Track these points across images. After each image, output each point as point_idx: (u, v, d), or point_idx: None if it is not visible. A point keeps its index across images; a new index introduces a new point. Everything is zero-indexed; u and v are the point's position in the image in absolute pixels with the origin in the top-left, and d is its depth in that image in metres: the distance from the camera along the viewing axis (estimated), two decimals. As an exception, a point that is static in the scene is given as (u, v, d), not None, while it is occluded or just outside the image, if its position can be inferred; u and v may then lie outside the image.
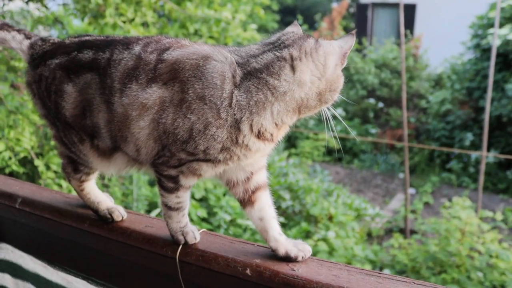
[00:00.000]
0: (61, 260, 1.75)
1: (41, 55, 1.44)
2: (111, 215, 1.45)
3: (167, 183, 1.29)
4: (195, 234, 1.33)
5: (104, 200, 1.49)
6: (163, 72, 1.23)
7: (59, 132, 1.42)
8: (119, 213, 1.46)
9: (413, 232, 8.23)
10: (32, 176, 5.83)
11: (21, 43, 1.48)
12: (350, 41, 1.28)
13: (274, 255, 1.27)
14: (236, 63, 1.22)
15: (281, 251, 1.28)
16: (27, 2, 6.17)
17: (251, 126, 1.20)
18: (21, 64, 5.24)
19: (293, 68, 1.20)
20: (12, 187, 1.74)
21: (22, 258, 1.94)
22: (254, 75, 1.19)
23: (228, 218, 6.43)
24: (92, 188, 1.49)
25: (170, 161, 1.25)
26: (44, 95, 1.40)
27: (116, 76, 1.27)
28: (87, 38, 1.41)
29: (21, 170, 5.37)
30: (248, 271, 1.21)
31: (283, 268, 1.20)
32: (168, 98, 1.21)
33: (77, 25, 11.69)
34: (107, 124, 1.30)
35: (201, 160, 1.24)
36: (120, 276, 1.55)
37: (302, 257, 1.27)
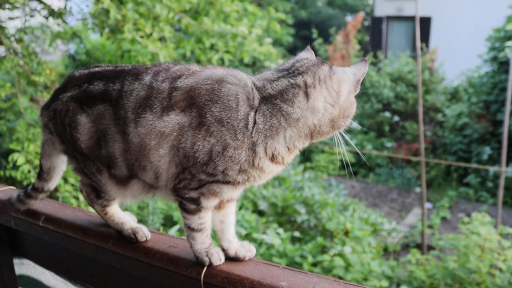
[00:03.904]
0: (82, 278, 1.75)
1: (52, 96, 1.47)
2: (135, 235, 1.45)
3: (189, 205, 1.30)
4: (219, 255, 1.32)
5: (128, 221, 1.49)
6: (179, 99, 1.25)
7: (79, 164, 1.44)
8: (143, 233, 1.46)
9: (430, 247, 8.11)
10: (49, 189, 5.87)
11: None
12: (364, 68, 1.30)
13: (301, 279, 1.24)
14: (255, 86, 1.25)
15: (232, 252, 1.37)
16: (47, 18, 6.29)
17: (265, 149, 1.22)
18: (41, 79, 5.32)
19: (307, 95, 1.22)
20: (35, 204, 1.75)
21: (44, 275, 1.95)
22: (269, 101, 1.22)
23: (243, 232, 6.40)
24: (115, 211, 1.50)
25: (191, 183, 1.27)
26: (60, 129, 1.42)
27: (129, 106, 1.29)
28: (96, 69, 1.43)
29: (39, 183, 5.40)
30: (274, 294, 1.19)
31: (310, 292, 1.18)
32: (186, 123, 1.23)
33: (95, 39, 11.89)
34: (123, 153, 1.32)
35: (220, 182, 1.26)
36: (142, 296, 1.54)
37: (249, 257, 1.37)
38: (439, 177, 11.62)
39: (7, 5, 5.70)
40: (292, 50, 22.19)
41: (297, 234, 7.07)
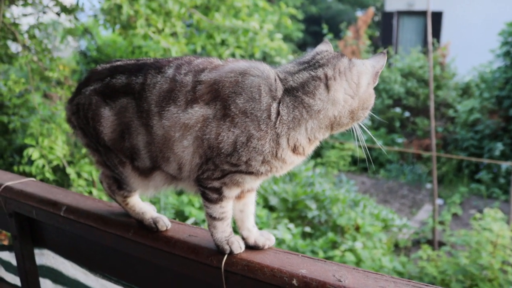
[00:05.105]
0: (102, 268, 1.78)
1: (75, 90, 1.49)
2: (156, 224, 1.47)
3: (211, 194, 1.32)
4: (240, 244, 1.34)
5: (148, 210, 1.52)
6: (203, 93, 1.27)
7: (101, 157, 1.46)
8: (164, 223, 1.48)
9: (441, 244, 8.07)
10: (62, 183, 5.96)
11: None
12: (382, 60, 1.33)
13: (320, 267, 1.26)
14: (279, 77, 1.27)
15: (251, 240, 1.38)
16: (59, 14, 6.34)
17: (288, 140, 1.24)
18: (55, 75, 5.36)
19: (327, 87, 1.24)
20: (57, 195, 1.77)
21: (63, 265, 1.98)
22: (291, 93, 1.24)
23: (254, 227, 6.41)
24: (136, 201, 1.52)
25: (214, 173, 1.29)
26: (83, 122, 1.44)
27: (152, 99, 1.30)
28: (118, 63, 1.44)
29: (52, 177, 5.50)
30: (294, 282, 1.21)
31: (330, 279, 1.19)
32: (211, 115, 1.25)
33: (106, 35, 11.95)
34: (146, 146, 1.34)
35: (243, 173, 1.28)
36: (163, 286, 1.56)
37: (268, 245, 1.39)
38: (450, 173, 11.56)
39: (20, 2, 5.76)
40: (302, 46, 22.12)
41: (308, 229, 7.08)
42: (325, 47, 1.36)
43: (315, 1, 22.94)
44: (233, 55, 6.69)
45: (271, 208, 7.64)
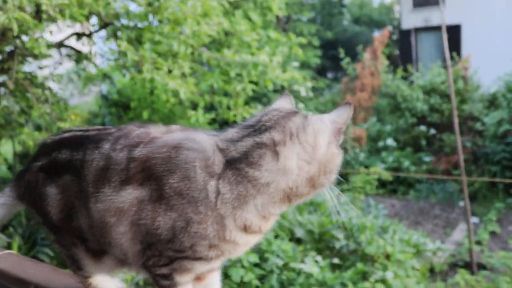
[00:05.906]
0: None
1: (25, 165, 1.40)
2: (119, 307, 1.36)
3: (162, 281, 1.17)
4: None
5: None
6: (136, 171, 1.12)
7: (57, 236, 1.35)
8: (127, 304, 1.37)
9: (480, 265, 7.66)
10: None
11: None
12: (346, 113, 1.13)
13: None
14: (218, 148, 1.10)
15: None
16: (77, 62, 6.49)
17: (235, 221, 1.07)
18: (66, 125, 5.42)
19: (276, 154, 1.06)
20: (28, 270, 1.68)
21: None
22: (233, 165, 1.07)
23: (280, 262, 6.23)
24: (98, 281, 1.40)
25: (161, 260, 1.14)
26: (34, 201, 1.33)
27: (90, 178, 1.18)
28: (66, 135, 1.33)
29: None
30: None
31: None
32: (146, 197, 1.10)
33: (124, 79, 12.19)
34: (89, 229, 1.22)
35: (191, 259, 1.12)
36: None
37: None
38: (483, 189, 11.09)
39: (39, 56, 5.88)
40: (321, 71, 22.08)
41: (336, 260, 6.83)
42: (281, 103, 1.19)
43: (330, 26, 22.99)
44: (245, 90, 6.67)
45: (298, 241, 7.43)
